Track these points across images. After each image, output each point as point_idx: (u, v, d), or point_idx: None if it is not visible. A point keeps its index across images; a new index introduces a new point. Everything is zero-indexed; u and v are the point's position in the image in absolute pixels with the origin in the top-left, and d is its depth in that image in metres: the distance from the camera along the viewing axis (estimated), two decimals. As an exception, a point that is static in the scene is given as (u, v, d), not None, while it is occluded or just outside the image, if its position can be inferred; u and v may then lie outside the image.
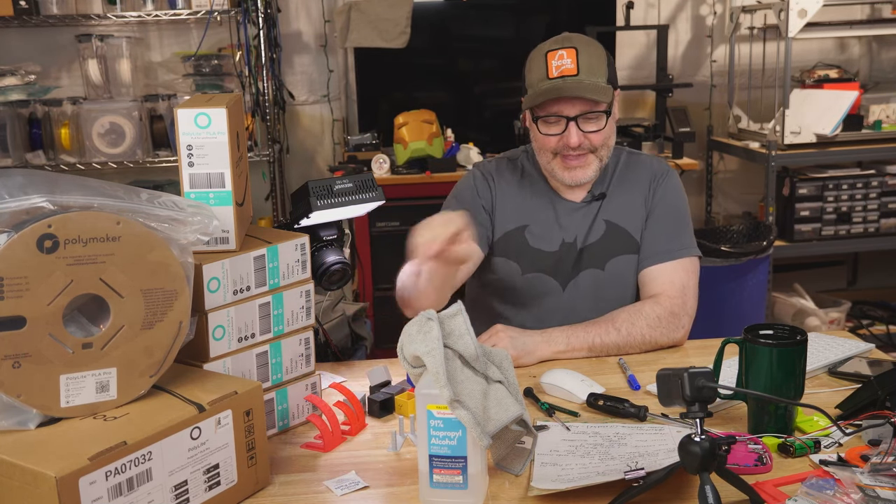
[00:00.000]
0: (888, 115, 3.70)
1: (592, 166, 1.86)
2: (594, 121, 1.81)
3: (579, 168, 1.84)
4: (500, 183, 1.95)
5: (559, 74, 1.78)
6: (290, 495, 1.27)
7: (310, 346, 1.49)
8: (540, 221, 1.92)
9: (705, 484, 1.11)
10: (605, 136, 1.84)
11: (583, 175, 1.86)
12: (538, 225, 1.92)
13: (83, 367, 1.15)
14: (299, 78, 3.92)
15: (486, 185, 1.95)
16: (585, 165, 1.85)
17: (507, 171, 1.98)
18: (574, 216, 1.93)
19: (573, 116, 1.79)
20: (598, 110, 1.81)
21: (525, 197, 1.94)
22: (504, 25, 4.02)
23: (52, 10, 3.41)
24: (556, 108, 1.80)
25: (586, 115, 1.80)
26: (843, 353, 1.71)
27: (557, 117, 1.80)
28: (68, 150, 3.47)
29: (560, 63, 1.79)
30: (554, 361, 1.74)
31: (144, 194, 1.23)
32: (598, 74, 1.80)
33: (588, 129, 1.81)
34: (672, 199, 1.94)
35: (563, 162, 1.84)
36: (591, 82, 1.78)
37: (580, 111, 1.79)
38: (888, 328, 3.83)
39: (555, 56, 1.80)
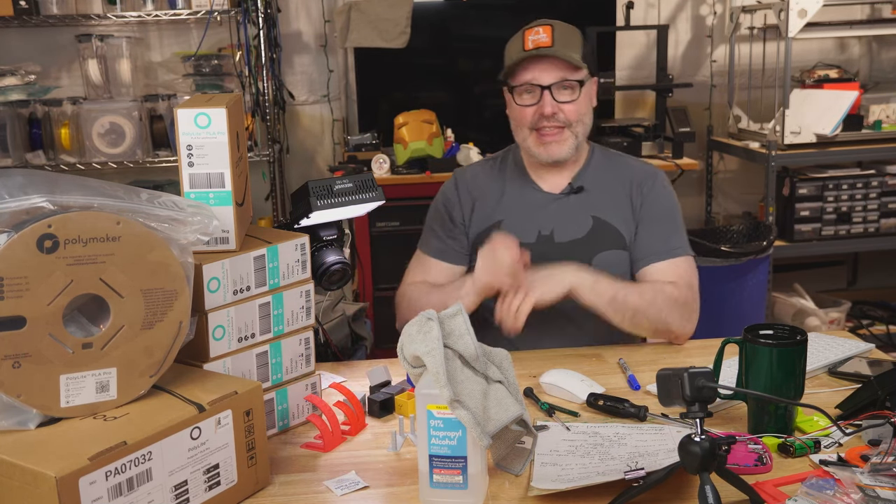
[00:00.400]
0: (888, 115, 3.70)
1: (568, 142, 1.88)
2: (568, 91, 1.86)
3: (555, 143, 1.87)
4: (475, 186, 2.00)
5: (534, 46, 1.86)
6: (290, 495, 1.27)
7: (310, 346, 1.49)
8: (514, 215, 1.94)
9: (705, 484, 1.11)
10: (579, 109, 1.87)
11: (558, 150, 1.88)
12: (513, 218, 1.94)
13: (83, 367, 1.15)
14: (299, 78, 3.92)
15: (454, 194, 2.00)
16: (561, 141, 1.87)
17: (484, 171, 2.02)
18: (550, 208, 1.94)
19: (547, 85, 1.84)
20: (573, 79, 1.85)
21: (503, 191, 1.97)
22: (504, 25, 3.99)
23: (52, 10, 3.41)
24: (531, 75, 1.85)
25: (561, 83, 1.85)
26: (843, 353, 1.71)
27: (532, 86, 1.85)
28: (68, 150, 3.47)
29: (536, 37, 1.87)
30: (554, 361, 1.74)
31: (144, 194, 1.23)
32: (572, 49, 1.87)
33: (562, 100, 1.85)
34: (666, 200, 1.95)
35: (538, 137, 1.88)
36: (565, 52, 1.85)
37: (554, 79, 1.84)
38: (888, 328, 3.83)
39: (531, 32, 1.88)
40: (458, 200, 1.99)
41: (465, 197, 1.99)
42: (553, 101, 1.84)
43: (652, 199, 1.93)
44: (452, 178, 2.05)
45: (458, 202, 1.99)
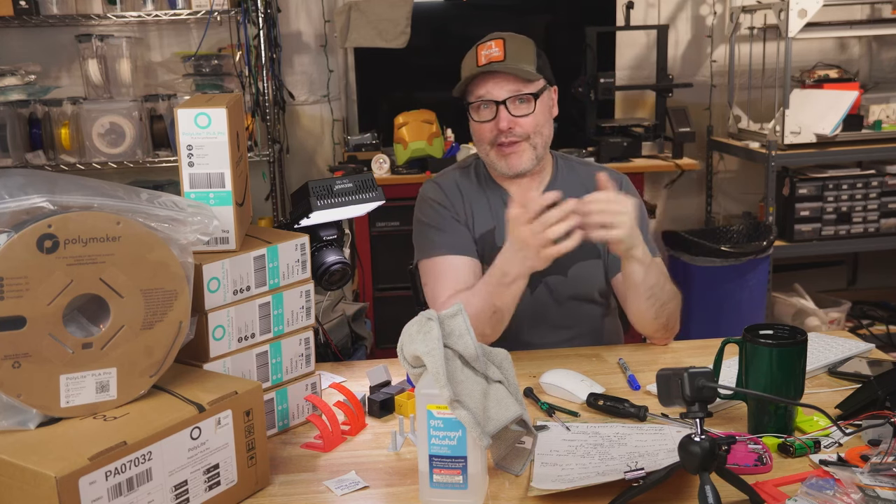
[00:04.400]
0: (888, 115, 3.70)
1: (527, 154, 1.87)
2: (524, 105, 1.84)
3: (513, 155, 1.86)
4: (464, 189, 1.96)
5: (487, 61, 1.84)
6: (290, 495, 1.27)
7: (310, 346, 1.49)
8: (502, 223, 1.89)
9: (705, 484, 1.11)
10: (535, 121, 1.85)
11: (518, 162, 1.86)
12: (501, 227, 1.89)
13: (83, 367, 1.15)
14: (299, 78, 3.92)
15: (457, 194, 1.95)
16: (520, 153, 1.86)
17: (465, 178, 1.98)
18: None
19: (502, 100, 1.83)
20: (527, 93, 1.84)
21: (487, 200, 1.95)
22: (504, 25, 3.99)
23: (52, 10, 3.41)
24: (484, 90, 1.85)
25: (516, 97, 1.83)
26: (843, 353, 1.71)
27: (487, 102, 1.84)
28: (68, 150, 3.47)
29: (488, 52, 1.85)
30: (554, 362, 1.74)
31: (144, 194, 1.23)
32: (525, 61, 1.85)
33: (518, 114, 1.84)
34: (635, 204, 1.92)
35: (498, 150, 1.87)
36: (517, 66, 1.83)
37: (508, 93, 1.83)
38: (888, 328, 3.83)
39: (484, 47, 1.86)
40: (451, 202, 1.93)
41: (458, 200, 1.94)
42: (509, 115, 1.83)
43: None
44: (435, 185, 1.98)
45: (453, 203, 1.93)
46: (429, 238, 1.92)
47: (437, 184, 1.99)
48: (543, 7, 4.03)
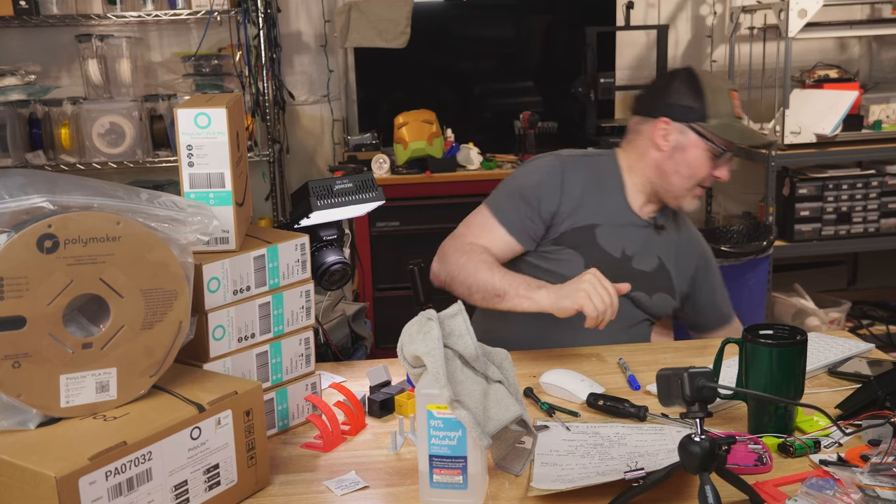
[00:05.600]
0: (888, 115, 3.70)
1: None
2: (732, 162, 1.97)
3: (698, 199, 1.97)
4: (575, 177, 1.95)
5: (737, 116, 1.93)
6: (290, 495, 1.27)
7: (310, 346, 1.49)
8: (609, 225, 1.94)
9: (705, 484, 1.11)
10: None
11: (697, 205, 2.00)
12: (608, 227, 1.93)
13: (83, 367, 1.15)
14: (299, 78, 3.92)
15: (558, 180, 1.93)
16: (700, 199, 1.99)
17: (584, 166, 1.98)
18: (636, 233, 1.96)
19: (735, 152, 1.96)
20: None
21: (598, 196, 1.95)
22: (504, 25, 4.02)
23: (52, 10, 3.41)
24: (733, 146, 1.92)
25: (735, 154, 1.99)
26: (843, 353, 1.71)
27: (728, 153, 1.92)
28: (68, 150, 3.47)
29: (738, 107, 1.94)
30: (554, 362, 1.74)
31: (144, 194, 1.23)
32: None
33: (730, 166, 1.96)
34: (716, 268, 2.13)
35: (696, 192, 1.94)
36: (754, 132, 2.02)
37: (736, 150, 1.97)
38: (888, 328, 3.83)
39: (735, 97, 1.94)
40: (559, 191, 1.92)
41: (570, 193, 1.93)
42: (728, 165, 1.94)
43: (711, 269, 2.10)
44: (559, 165, 1.96)
45: (558, 193, 1.92)
46: (504, 199, 1.94)
47: (560, 162, 1.97)
48: (543, 7, 4.03)
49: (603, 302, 1.63)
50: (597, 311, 1.63)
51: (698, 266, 2.05)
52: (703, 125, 1.88)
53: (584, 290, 1.64)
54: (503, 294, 1.75)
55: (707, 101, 1.89)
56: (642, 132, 1.95)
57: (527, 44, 4.09)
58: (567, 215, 1.92)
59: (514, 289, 1.73)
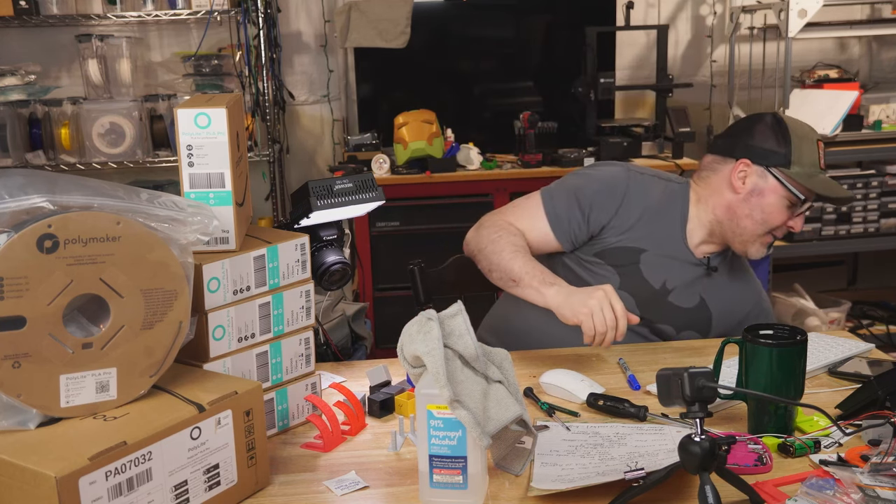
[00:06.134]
0: (888, 115, 3.70)
1: None
2: None
3: (766, 248, 1.90)
4: (638, 196, 1.90)
5: (821, 167, 1.87)
6: (290, 495, 1.27)
7: (310, 346, 1.49)
8: (656, 254, 1.89)
9: (705, 484, 1.11)
10: None
11: (764, 253, 1.91)
12: (654, 256, 1.89)
13: (83, 367, 1.15)
14: (299, 78, 3.92)
15: (620, 194, 1.89)
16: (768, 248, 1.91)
17: (651, 189, 1.93)
18: (683, 269, 1.91)
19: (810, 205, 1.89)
20: None
21: (655, 222, 1.90)
22: (504, 25, 4.02)
23: (52, 10, 3.41)
24: (811, 195, 1.85)
25: None
26: (843, 353, 1.71)
27: (807, 203, 1.86)
28: (68, 150, 3.47)
29: (824, 157, 1.87)
30: (554, 362, 1.74)
31: (144, 194, 1.23)
32: None
33: None
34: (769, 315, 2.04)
35: (766, 240, 1.88)
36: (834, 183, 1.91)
37: None
38: (888, 328, 3.83)
39: (821, 147, 1.88)
40: (616, 206, 1.88)
41: (627, 210, 1.89)
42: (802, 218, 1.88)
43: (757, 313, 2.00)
44: (625, 178, 1.92)
45: (614, 207, 1.88)
46: (561, 192, 1.92)
47: (627, 175, 1.93)
48: (543, 7, 4.03)
49: (604, 323, 1.60)
50: (594, 332, 1.61)
51: (749, 314, 1.96)
52: (786, 171, 1.82)
53: (589, 307, 1.61)
54: (518, 280, 1.75)
55: (793, 148, 1.82)
56: (719, 171, 1.89)
57: (527, 44, 4.09)
58: (617, 232, 1.88)
59: (529, 278, 1.73)
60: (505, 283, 1.78)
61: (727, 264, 1.96)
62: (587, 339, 1.63)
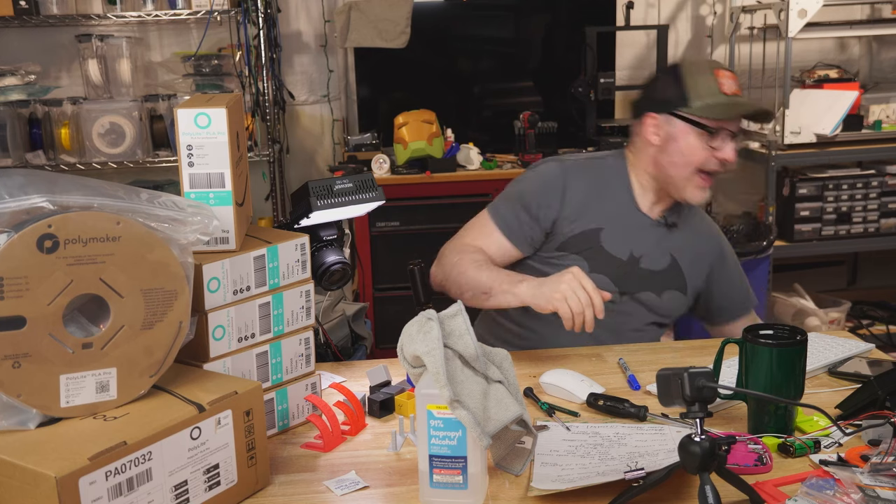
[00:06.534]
0: (888, 115, 3.70)
1: (710, 190, 1.91)
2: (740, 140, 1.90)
3: (708, 189, 1.90)
4: (578, 182, 1.94)
5: (732, 93, 1.86)
6: (290, 495, 1.27)
7: (310, 346, 1.49)
8: (614, 227, 1.92)
9: (705, 484, 1.11)
10: None
11: (705, 196, 1.90)
12: (612, 230, 1.92)
13: (83, 367, 1.15)
14: (299, 78, 3.92)
15: (559, 187, 1.92)
16: (712, 186, 1.91)
17: (588, 170, 1.97)
18: (645, 233, 1.94)
19: (737, 133, 1.88)
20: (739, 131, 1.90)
21: (603, 200, 1.94)
22: (504, 25, 4.02)
23: (52, 10, 3.41)
24: (728, 124, 1.86)
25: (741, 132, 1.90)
26: (843, 353, 1.71)
27: (725, 131, 1.86)
28: (68, 150, 3.47)
29: (729, 83, 1.86)
30: (554, 362, 1.74)
31: (144, 194, 1.23)
32: None
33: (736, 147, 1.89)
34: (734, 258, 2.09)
35: (700, 179, 1.88)
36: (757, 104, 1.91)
37: (738, 128, 1.88)
38: (888, 328, 3.83)
39: (722, 74, 1.87)
40: (559, 199, 1.91)
41: (570, 200, 1.92)
42: (733, 148, 1.87)
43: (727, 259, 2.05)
44: (560, 171, 1.95)
45: (558, 201, 1.91)
46: (504, 203, 1.95)
47: (561, 168, 1.96)
48: (543, 7, 4.03)
49: (579, 303, 1.61)
50: (572, 314, 1.61)
51: (714, 260, 2.02)
52: (687, 109, 1.85)
53: (561, 292, 1.63)
54: (489, 290, 1.76)
55: (687, 86, 1.86)
56: (638, 132, 1.95)
57: (527, 44, 4.09)
58: (569, 221, 1.91)
59: (497, 284, 1.74)
60: (479, 300, 1.79)
61: (684, 217, 2.00)
62: (567, 324, 1.63)
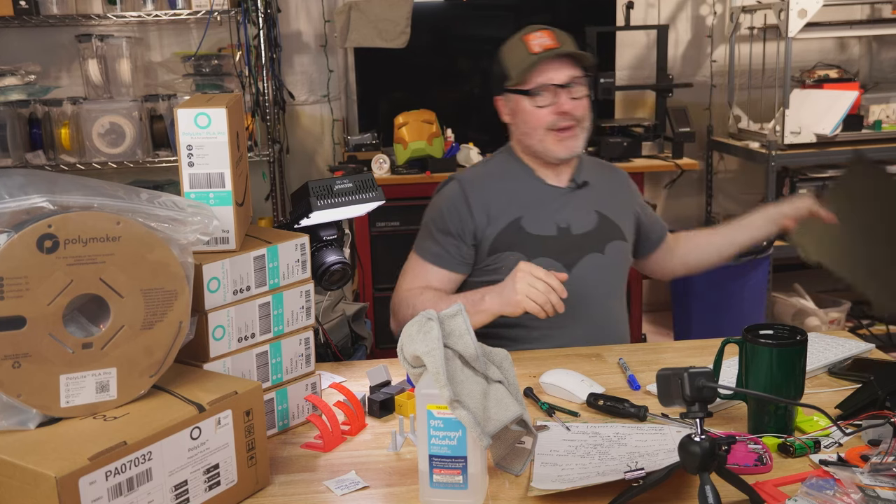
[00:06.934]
0: (888, 115, 3.70)
1: (580, 138, 1.94)
2: (578, 88, 1.91)
3: (570, 139, 1.92)
4: (477, 190, 1.96)
5: (542, 49, 1.89)
6: (290, 495, 1.27)
7: (310, 346, 1.49)
8: (532, 209, 1.96)
9: (705, 484, 1.11)
10: (586, 105, 1.94)
11: (574, 146, 1.93)
12: (531, 213, 1.95)
13: (83, 367, 1.15)
14: (299, 78, 3.92)
15: (463, 201, 1.95)
16: (574, 137, 1.93)
17: (484, 175, 2.02)
18: (562, 201, 1.98)
19: (562, 84, 1.89)
20: (582, 76, 1.92)
21: (513, 190, 1.97)
22: (504, 25, 4.02)
23: (52, 10, 3.41)
24: (546, 77, 1.89)
25: (573, 81, 1.90)
26: (843, 353, 1.71)
27: (547, 87, 1.89)
28: (68, 150, 3.47)
29: (540, 41, 1.91)
30: (554, 362, 1.74)
31: (144, 194, 1.23)
32: (575, 47, 1.93)
33: (575, 97, 1.91)
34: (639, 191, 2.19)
35: (555, 136, 1.92)
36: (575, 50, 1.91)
37: (568, 78, 1.90)
38: (888, 328, 3.83)
39: (532, 37, 1.92)
40: (468, 212, 1.94)
41: (478, 207, 1.94)
42: (569, 98, 1.89)
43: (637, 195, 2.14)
44: (458, 187, 1.98)
45: (468, 214, 1.93)
46: (424, 238, 1.99)
47: (458, 184, 2.00)
48: (543, 7, 4.03)
49: (540, 293, 1.64)
50: (538, 306, 1.65)
51: (633, 199, 2.08)
52: (509, 82, 1.94)
53: (519, 291, 1.66)
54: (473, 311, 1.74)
55: (504, 63, 1.96)
56: None
57: (527, 44, 4.08)
58: (487, 226, 1.93)
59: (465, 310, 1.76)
60: None
61: (592, 172, 2.05)
62: (540, 315, 1.66)
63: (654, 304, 4.25)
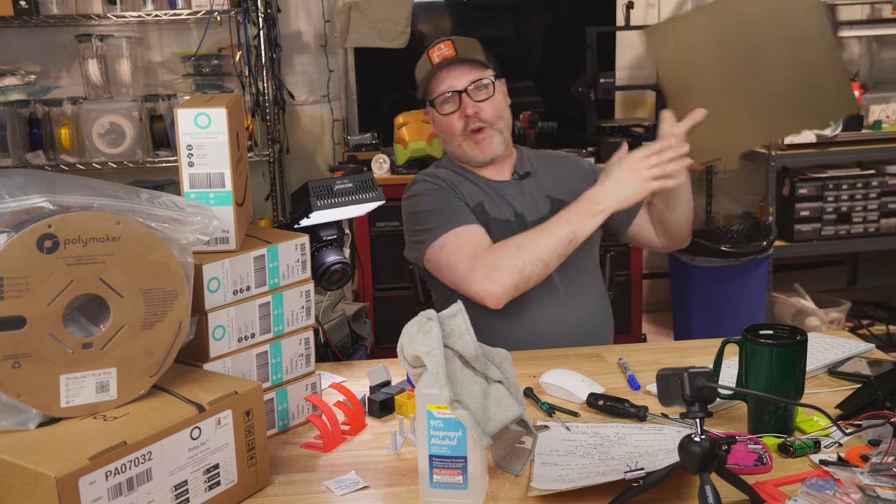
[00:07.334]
0: (888, 115, 3.70)
1: (496, 138, 1.98)
2: (484, 91, 1.96)
3: (485, 141, 1.97)
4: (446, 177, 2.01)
5: (440, 59, 1.97)
6: (290, 495, 1.27)
7: (310, 346, 1.49)
8: (490, 196, 2.00)
9: (705, 484, 1.11)
10: (496, 106, 1.97)
11: (490, 147, 1.98)
12: (490, 199, 1.99)
13: (83, 367, 1.15)
14: (299, 78, 3.92)
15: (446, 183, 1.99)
16: (490, 138, 1.97)
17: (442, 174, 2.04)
18: (511, 190, 2.01)
19: (463, 89, 1.94)
20: (485, 79, 1.96)
21: (468, 188, 2.01)
22: (504, 25, 4.02)
23: (52, 10, 3.41)
24: (445, 85, 1.96)
25: (475, 84, 1.95)
26: (843, 353, 1.71)
27: (449, 95, 1.95)
28: (68, 150, 3.47)
29: (440, 52, 1.98)
30: (554, 362, 1.74)
31: (144, 194, 1.23)
32: (475, 54, 1.98)
33: (479, 99, 1.95)
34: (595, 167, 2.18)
35: (469, 140, 1.97)
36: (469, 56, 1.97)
37: (468, 82, 1.95)
38: (888, 328, 3.83)
39: (434, 49, 1.99)
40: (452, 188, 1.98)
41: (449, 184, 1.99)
42: (472, 101, 1.95)
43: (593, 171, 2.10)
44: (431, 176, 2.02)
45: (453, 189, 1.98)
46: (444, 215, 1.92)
47: (425, 176, 2.05)
48: (543, 7, 4.03)
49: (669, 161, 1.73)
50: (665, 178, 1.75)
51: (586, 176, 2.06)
52: (419, 95, 2.03)
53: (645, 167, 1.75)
54: (572, 237, 1.79)
55: (417, 78, 2.04)
56: None
57: (527, 44, 4.09)
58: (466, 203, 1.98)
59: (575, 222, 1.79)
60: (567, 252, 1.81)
61: (532, 162, 2.08)
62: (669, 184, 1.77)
63: (654, 304, 4.25)
